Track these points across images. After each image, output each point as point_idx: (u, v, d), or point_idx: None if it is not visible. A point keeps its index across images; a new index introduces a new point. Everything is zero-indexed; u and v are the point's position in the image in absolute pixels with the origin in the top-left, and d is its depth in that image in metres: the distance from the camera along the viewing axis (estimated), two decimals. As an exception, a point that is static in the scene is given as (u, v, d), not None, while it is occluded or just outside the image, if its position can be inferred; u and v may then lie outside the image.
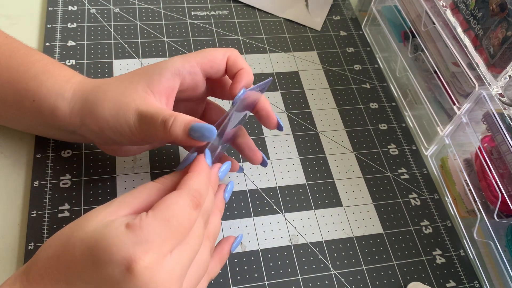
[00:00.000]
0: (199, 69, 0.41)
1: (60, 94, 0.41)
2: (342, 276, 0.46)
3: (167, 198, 0.31)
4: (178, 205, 0.31)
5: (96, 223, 0.31)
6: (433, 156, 0.55)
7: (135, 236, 0.29)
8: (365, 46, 0.67)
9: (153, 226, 0.29)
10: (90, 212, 0.32)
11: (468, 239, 0.49)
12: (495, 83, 0.45)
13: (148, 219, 0.30)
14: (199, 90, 0.43)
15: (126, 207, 0.32)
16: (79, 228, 0.31)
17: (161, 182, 0.34)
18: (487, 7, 0.45)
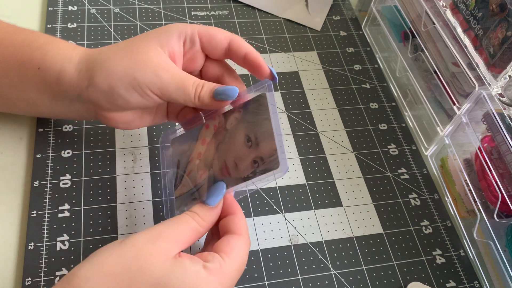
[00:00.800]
0: (198, 40, 0.42)
1: (67, 59, 0.41)
2: (342, 276, 0.46)
3: (237, 245, 0.36)
4: (245, 252, 0.36)
5: (161, 265, 0.32)
6: (433, 156, 0.55)
7: (219, 281, 0.34)
8: (365, 46, 0.67)
9: (231, 272, 0.35)
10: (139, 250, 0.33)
11: (468, 239, 0.49)
12: (495, 83, 0.45)
13: (228, 266, 0.34)
14: (196, 65, 0.43)
15: (175, 246, 0.34)
16: (141, 271, 0.32)
17: (198, 222, 0.36)
18: (487, 7, 0.45)
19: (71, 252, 0.44)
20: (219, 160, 0.39)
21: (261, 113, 0.38)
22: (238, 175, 0.38)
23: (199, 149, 0.41)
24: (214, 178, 0.39)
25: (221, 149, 0.40)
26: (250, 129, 0.38)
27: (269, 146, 0.37)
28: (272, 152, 0.36)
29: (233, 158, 0.39)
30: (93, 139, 0.51)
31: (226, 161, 0.39)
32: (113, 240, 0.45)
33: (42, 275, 0.42)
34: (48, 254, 0.43)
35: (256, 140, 0.38)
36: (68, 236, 0.44)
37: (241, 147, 0.38)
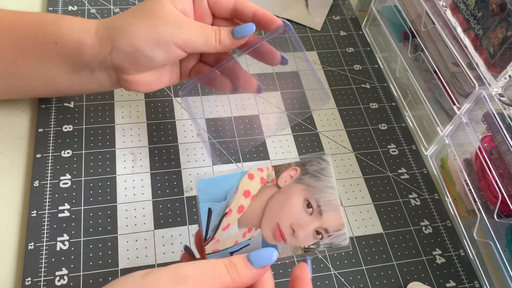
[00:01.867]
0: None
1: (84, 30, 0.43)
2: (342, 276, 0.46)
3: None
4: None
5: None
6: (433, 156, 0.55)
7: None
8: (365, 46, 0.67)
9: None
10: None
11: (468, 239, 0.49)
12: (495, 83, 0.45)
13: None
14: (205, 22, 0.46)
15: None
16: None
17: (233, 277, 0.32)
18: (487, 7, 0.45)
19: (71, 252, 0.44)
20: (270, 221, 0.35)
21: (323, 178, 0.35)
22: (297, 243, 0.35)
23: (241, 202, 0.35)
24: (262, 240, 0.35)
25: (272, 209, 0.35)
26: (311, 193, 0.35)
27: (336, 219, 0.35)
28: (339, 227, 0.35)
29: (289, 223, 0.35)
30: (93, 139, 0.51)
31: (280, 225, 0.35)
32: (113, 240, 0.45)
33: (42, 275, 0.42)
34: (48, 254, 0.43)
35: (319, 208, 0.35)
36: (68, 236, 0.44)
37: (300, 212, 0.35)
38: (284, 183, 0.36)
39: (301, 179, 0.35)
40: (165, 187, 0.49)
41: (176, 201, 0.48)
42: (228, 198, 0.35)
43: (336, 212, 0.35)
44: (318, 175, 0.35)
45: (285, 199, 0.35)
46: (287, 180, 0.36)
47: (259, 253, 0.32)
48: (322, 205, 0.35)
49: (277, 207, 0.35)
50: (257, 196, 0.35)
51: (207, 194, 0.35)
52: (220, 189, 0.35)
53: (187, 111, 0.37)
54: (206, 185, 0.35)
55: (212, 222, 0.35)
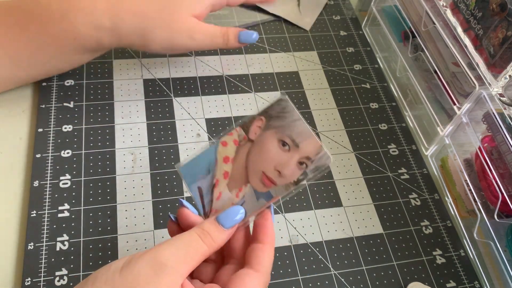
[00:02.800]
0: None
1: (100, 27, 0.47)
2: (342, 276, 0.46)
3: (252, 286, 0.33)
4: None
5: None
6: (433, 156, 0.55)
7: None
8: (365, 46, 0.67)
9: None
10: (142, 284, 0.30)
11: (468, 239, 0.49)
12: (495, 83, 0.45)
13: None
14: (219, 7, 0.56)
15: (181, 277, 0.31)
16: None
17: (209, 245, 0.33)
18: (487, 7, 0.45)
19: (71, 252, 0.44)
20: (255, 172, 0.38)
21: (288, 115, 0.38)
22: (286, 181, 0.37)
23: (224, 168, 0.38)
24: (255, 192, 0.37)
25: (253, 162, 0.38)
26: (282, 133, 0.37)
27: (312, 144, 0.37)
28: (317, 150, 0.36)
29: (272, 167, 0.37)
30: (93, 139, 0.51)
31: (265, 172, 0.37)
32: (113, 240, 0.45)
33: (42, 275, 0.42)
34: (48, 254, 0.43)
35: (294, 142, 0.37)
36: (68, 236, 0.44)
37: (278, 153, 0.37)
38: (255, 135, 0.38)
39: (269, 125, 0.38)
40: (165, 187, 0.49)
41: (176, 201, 0.48)
42: (211, 171, 0.38)
43: (310, 138, 0.37)
44: (281, 115, 0.38)
45: (261, 148, 0.38)
46: (257, 132, 0.38)
47: (227, 214, 0.35)
48: (295, 138, 0.37)
49: (257, 158, 0.38)
50: (235, 157, 0.38)
51: (192, 176, 0.38)
52: (202, 166, 0.38)
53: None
54: (188, 168, 0.38)
55: (205, 197, 0.38)
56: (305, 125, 0.37)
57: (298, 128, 0.37)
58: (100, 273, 0.31)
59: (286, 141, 0.37)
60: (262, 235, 0.36)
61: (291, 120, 0.37)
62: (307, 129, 0.37)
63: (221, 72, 0.60)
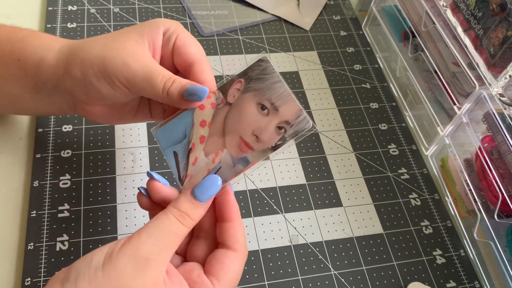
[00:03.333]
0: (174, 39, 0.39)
1: (48, 48, 0.39)
2: (342, 276, 0.46)
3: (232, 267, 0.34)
4: (240, 271, 0.35)
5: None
6: (433, 156, 0.55)
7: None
8: (365, 46, 0.66)
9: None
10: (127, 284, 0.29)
11: (468, 239, 0.49)
12: (495, 83, 0.45)
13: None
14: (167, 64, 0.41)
15: (165, 267, 0.31)
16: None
17: (188, 225, 0.33)
18: (487, 7, 0.45)
19: (71, 252, 0.44)
20: (232, 137, 0.36)
21: (268, 77, 0.36)
22: (264, 146, 0.35)
23: (200, 133, 0.36)
24: (231, 158, 0.36)
25: (230, 126, 0.36)
26: (261, 96, 0.36)
27: (292, 108, 0.35)
28: (298, 113, 0.35)
29: (250, 131, 0.35)
30: (92, 139, 0.51)
31: (242, 136, 0.36)
32: (113, 240, 0.45)
33: (42, 275, 0.42)
34: (47, 254, 0.43)
35: (273, 105, 0.35)
36: (67, 236, 0.44)
37: (257, 117, 0.36)
38: (233, 98, 0.37)
39: (248, 87, 0.36)
40: (165, 187, 0.49)
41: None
42: (187, 135, 0.37)
43: (290, 102, 0.35)
44: (261, 76, 0.36)
45: (239, 111, 0.36)
46: (235, 94, 0.37)
47: (203, 187, 0.33)
48: (275, 101, 0.36)
49: (234, 122, 0.36)
50: (213, 121, 0.37)
51: (168, 140, 0.37)
52: (178, 130, 0.37)
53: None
54: (164, 132, 0.37)
55: (181, 162, 0.36)
56: (285, 87, 0.36)
57: (278, 90, 0.36)
58: (81, 268, 0.30)
59: (265, 105, 0.36)
60: (229, 213, 0.35)
61: (271, 82, 0.36)
62: (287, 92, 0.35)
63: (221, 72, 0.60)
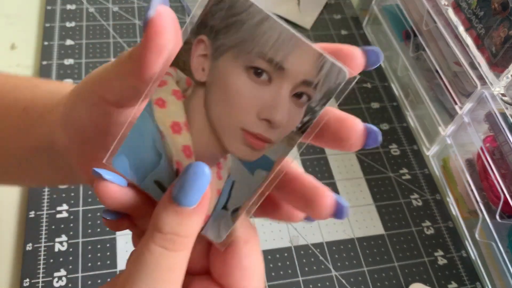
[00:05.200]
0: None
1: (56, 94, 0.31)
2: (343, 277, 0.45)
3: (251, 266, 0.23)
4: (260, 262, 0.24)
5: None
6: (434, 156, 0.54)
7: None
8: (366, 45, 0.66)
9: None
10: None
11: (470, 240, 0.49)
12: (497, 83, 0.44)
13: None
14: None
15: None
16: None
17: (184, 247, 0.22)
18: (489, 6, 0.45)
19: (70, 253, 0.43)
20: (231, 134, 0.23)
21: (243, 17, 0.21)
22: (285, 130, 0.22)
23: (179, 142, 0.23)
24: (244, 164, 0.23)
25: (220, 117, 0.23)
26: (247, 53, 0.22)
27: (306, 55, 0.22)
28: (318, 61, 0.22)
29: (253, 115, 0.22)
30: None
31: (245, 127, 0.22)
32: (112, 241, 0.44)
33: (40, 276, 0.42)
34: (46, 255, 0.43)
35: (273, 62, 0.21)
36: (66, 237, 0.44)
37: (255, 90, 0.22)
38: (203, 71, 0.22)
39: (219, 47, 0.22)
40: (165, 187, 0.49)
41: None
42: (162, 152, 0.23)
43: (298, 46, 0.22)
44: (232, 20, 0.21)
45: (224, 89, 0.22)
46: (204, 65, 0.22)
47: (184, 182, 0.21)
48: (273, 55, 0.21)
49: (224, 109, 0.23)
50: (189, 118, 0.23)
51: (138, 168, 0.24)
52: (144, 149, 0.23)
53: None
54: (125, 158, 0.24)
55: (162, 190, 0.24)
56: (280, 24, 0.21)
57: (271, 34, 0.21)
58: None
59: (259, 67, 0.22)
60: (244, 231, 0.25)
61: (253, 25, 0.21)
62: (286, 32, 0.21)
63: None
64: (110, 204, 0.23)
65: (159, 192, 0.23)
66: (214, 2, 0.21)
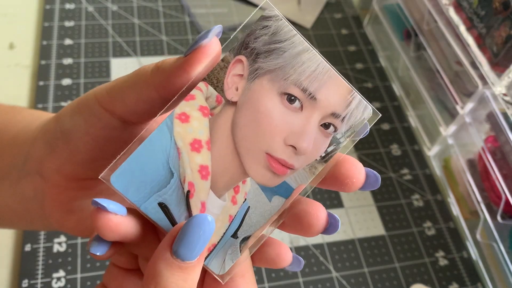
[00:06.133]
0: None
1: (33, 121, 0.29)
2: (344, 278, 0.45)
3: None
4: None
5: None
6: (436, 157, 0.54)
7: None
8: (367, 44, 0.66)
9: None
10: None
11: (471, 240, 0.48)
12: (498, 82, 0.44)
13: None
14: None
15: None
16: None
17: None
18: (490, 5, 0.45)
19: (69, 254, 0.43)
20: (254, 156, 0.22)
21: (285, 45, 0.22)
22: (309, 160, 0.23)
23: (197, 161, 0.22)
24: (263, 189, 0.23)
25: (246, 138, 0.23)
26: (283, 79, 0.22)
27: (337, 90, 0.22)
28: (348, 97, 0.22)
29: (281, 140, 0.22)
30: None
31: (271, 152, 0.22)
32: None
33: (39, 277, 0.41)
34: (45, 256, 0.42)
35: (307, 92, 0.22)
36: (65, 238, 0.44)
37: (285, 115, 0.22)
38: (237, 91, 0.23)
39: (257, 69, 0.22)
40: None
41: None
42: (175, 171, 0.22)
43: (332, 79, 0.22)
44: (274, 46, 0.22)
45: (254, 111, 0.22)
46: (238, 85, 0.22)
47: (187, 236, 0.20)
48: (308, 85, 0.22)
49: (251, 131, 0.22)
50: (212, 137, 0.22)
51: (140, 187, 0.22)
52: (154, 165, 0.22)
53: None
54: (127, 175, 0.22)
55: (178, 217, 0.22)
56: (318, 57, 0.22)
57: (310, 65, 0.22)
58: None
59: (293, 94, 0.22)
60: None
61: (294, 54, 0.22)
62: (323, 65, 0.22)
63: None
64: (110, 237, 0.22)
65: (162, 217, 0.22)
66: (260, 27, 0.22)
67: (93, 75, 0.56)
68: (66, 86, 0.54)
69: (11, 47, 0.58)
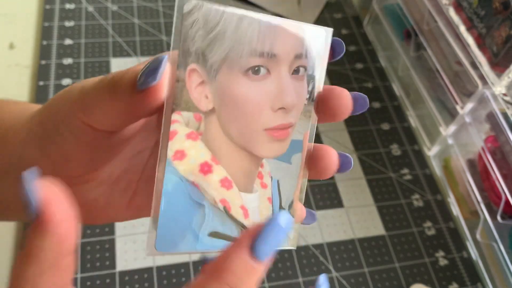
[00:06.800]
0: None
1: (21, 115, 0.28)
2: (344, 278, 0.45)
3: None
4: None
5: None
6: (436, 157, 0.54)
7: None
8: (367, 44, 0.66)
9: None
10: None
11: (471, 240, 0.48)
12: (498, 82, 0.44)
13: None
14: None
15: None
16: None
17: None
18: (491, 5, 0.45)
19: (68, 254, 0.43)
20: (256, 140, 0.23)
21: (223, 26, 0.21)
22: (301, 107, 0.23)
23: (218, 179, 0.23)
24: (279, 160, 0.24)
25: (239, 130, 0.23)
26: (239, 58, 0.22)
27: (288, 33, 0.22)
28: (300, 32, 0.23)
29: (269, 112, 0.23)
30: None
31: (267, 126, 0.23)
32: (111, 241, 0.44)
33: (38, 278, 0.41)
34: (45, 256, 0.43)
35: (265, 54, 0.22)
36: (65, 238, 0.44)
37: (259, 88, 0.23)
38: (207, 98, 0.22)
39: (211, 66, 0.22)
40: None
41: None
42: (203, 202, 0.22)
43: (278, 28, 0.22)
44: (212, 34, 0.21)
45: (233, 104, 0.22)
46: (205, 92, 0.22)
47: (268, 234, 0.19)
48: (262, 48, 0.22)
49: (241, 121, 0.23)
50: (214, 151, 0.23)
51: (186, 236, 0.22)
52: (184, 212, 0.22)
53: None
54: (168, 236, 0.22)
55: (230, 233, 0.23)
56: (255, 17, 0.22)
57: (252, 30, 0.22)
58: None
59: (255, 64, 0.22)
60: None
61: (234, 29, 0.21)
62: (263, 21, 0.22)
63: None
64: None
65: (218, 243, 0.22)
66: (189, 26, 0.21)
67: (93, 75, 0.56)
68: (66, 86, 0.54)
69: (11, 47, 0.58)
